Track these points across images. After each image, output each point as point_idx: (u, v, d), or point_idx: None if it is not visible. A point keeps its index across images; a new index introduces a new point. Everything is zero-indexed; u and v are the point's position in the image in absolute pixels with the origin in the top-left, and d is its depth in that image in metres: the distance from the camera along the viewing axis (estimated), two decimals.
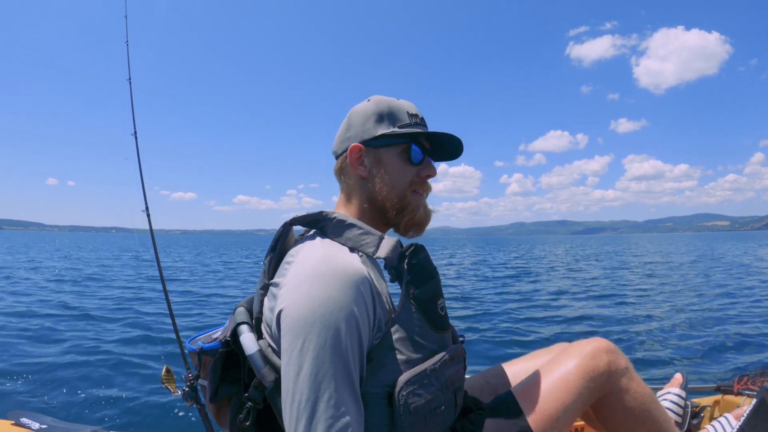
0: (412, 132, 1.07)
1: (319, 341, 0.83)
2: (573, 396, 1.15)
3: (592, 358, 1.20)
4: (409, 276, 1.00)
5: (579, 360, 1.20)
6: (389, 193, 1.08)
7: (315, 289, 0.87)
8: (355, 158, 1.10)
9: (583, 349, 1.22)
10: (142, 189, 1.86)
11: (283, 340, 0.88)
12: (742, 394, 1.87)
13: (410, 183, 1.10)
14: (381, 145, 1.08)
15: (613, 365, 1.21)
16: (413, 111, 1.12)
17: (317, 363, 0.83)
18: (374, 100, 1.12)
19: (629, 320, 7.01)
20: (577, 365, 1.19)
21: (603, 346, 1.23)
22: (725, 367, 4.53)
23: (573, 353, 1.23)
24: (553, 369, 1.21)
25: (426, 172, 1.11)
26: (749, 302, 8.35)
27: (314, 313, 0.85)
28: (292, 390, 0.84)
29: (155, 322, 6.90)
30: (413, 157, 1.09)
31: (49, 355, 4.94)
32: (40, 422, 1.67)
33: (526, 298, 9.55)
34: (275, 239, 1.07)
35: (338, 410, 0.82)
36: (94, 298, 9.51)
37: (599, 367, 1.19)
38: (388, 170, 1.08)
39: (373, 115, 1.10)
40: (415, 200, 1.11)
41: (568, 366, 1.19)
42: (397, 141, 1.08)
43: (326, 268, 0.90)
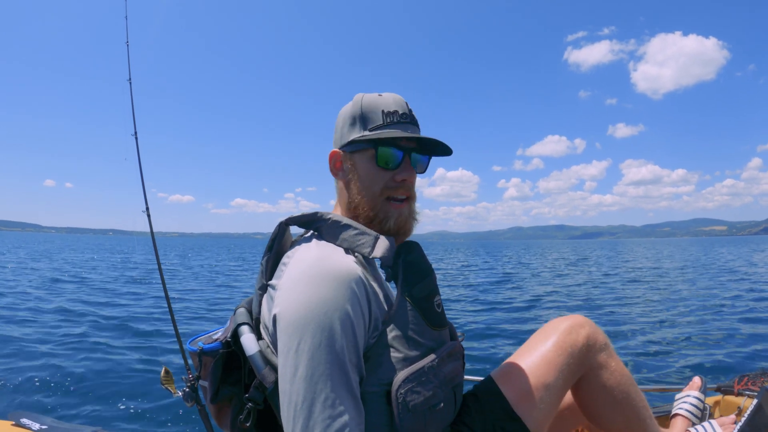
0: (377, 137, 1.02)
1: (314, 342, 0.84)
2: (554, 374, 1.13)
3: (569, 333, 1.18)
4: (404, 274, 1.00)
5: (556, 336, 1.18)
6: (362, 200, 1.06)
7: (309, 290, 0.87)
8: (336, 165, 1.10)
9: (560, 326, 1.21)
10: (143, 189, 1.86)
11: (279, 342, 0.88)
12: (742, 395, 1.87)
13: (382, 189, 1.05)
14: (354, 150, 1.07)
15: (591, 339, 1.19)
16: (391, 108, 1.05)
17: (312, 364, 0.83)
18: (354, 99, 1.09)
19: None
20: (555, 342, 1.17)
21: (580, 321, 1.22)
22: (720, 366, 4.54)
23: (549, 331, 1.21)
24: (531, 348, 1.20)
25: (401, 176, 1.04)
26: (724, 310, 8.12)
27: (308, 314, 0.85)
28: (289, 391, 0.84)
29: (155, 323, 6.88)
30: (381, 161, 1.04)
31: (50, 355, 4.92)
32: (40, 423, 1.67)
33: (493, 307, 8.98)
34: (272, 239, 1.07)
35: (335, 410, 0.82)
36: (93, 298, 9.48)
37: (577, 342, 1.17)
38: (360, 176, 1.06)
39: (348, 118, 1.08)
40: (386, 210, 1.05)
41: (546, 344, 1.18)
42: (365, 146, 1.05)
43: (320, 269, 0.90)
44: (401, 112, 1.06)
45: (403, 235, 1.09)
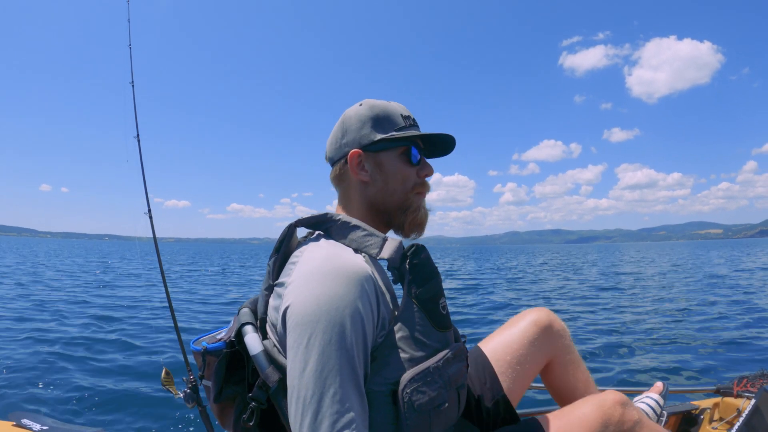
0: (410, 135, 1.10)
1: (325, 337, 0.84)
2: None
3: (607, 408, 1.24)
4: (410, 276, 1.01)
5: (597, 408, 1.24)
6: (393, 195, 1.11)
7: (320, 286, 0.88)
8: (356, 164, 1.11)
9: (602, 399, 1.27)
10: (145, 191, 1.85)
11: (289, 337, 0.88)
12: (741, 396, 1.88)
13: (414, 184, 1.12)
14: (380, 149, 1.10)
15: (626, 417, 1.25)
16: (406, 113, 1.14)
17: (323, 359, 0.83)
18: (367, 104, 1.14)
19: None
20: (595, 412, 1.24)
21: (618, 399, 1.27)
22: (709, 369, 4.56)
23: (591, 401, 1.28)
24: (573, 410, 1.27)
25: (424, 171, 1.14)
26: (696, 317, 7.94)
27: (320, 310, 0.85)
28: (298, 386, 0.84)
29: (155, 324, 6.86)
30: (413, 158, 1.12)
31: (50, 356, 4.91)
32: (41, 424, 1.66)
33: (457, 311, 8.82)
34: (280, 240, 1.08)
35: (343, 406, 0.82)
36: (93, 298, 9.45)
37: (613, 418, 1.23)
38: (390, 173, 1.11)
39: (369, 120, 1.11)
40: (418, 200, 1.14)
41: (586, 410, 1.25)
42: (396, 144, 1.10)
43: (331, 266, 0.91)
44: (412, 117, 1.16)
45: (423, 227, 1.17)
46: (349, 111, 1.15)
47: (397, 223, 1.14)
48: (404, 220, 1.13)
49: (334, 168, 1.16)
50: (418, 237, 1.17)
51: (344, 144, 1.12)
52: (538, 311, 1.54)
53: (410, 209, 1.13)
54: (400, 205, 1.12)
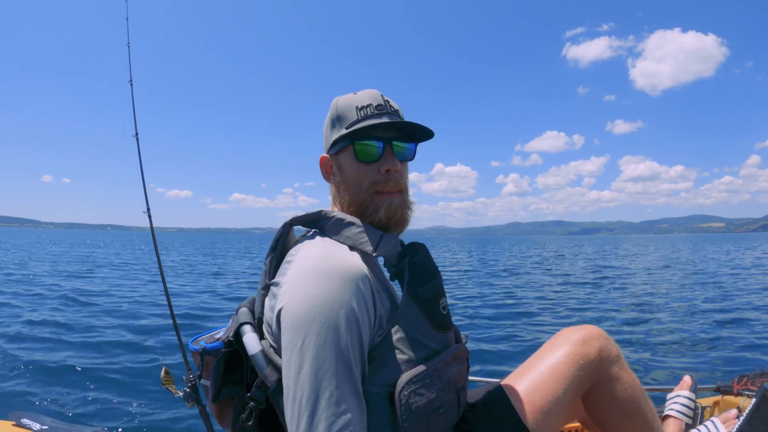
0: (352, 131, 1.02)
1: (320, 339, 0.84)
2: (563, 386, 1.13)
3: (582, 345, 1.18)
4: (409, 275, 1.01)
5: (568, 348, 1.18)
6: (352, 198, 1.07)
7: (314, 286, 0.87)
8: (327, 170, 1.12)
9: (573, 337, 1.20)
10: (144, 191, 1.85)
11: (283, 338, 0.88)
12: (741, 395, 1.88)
13: (370, 184, 1.04)
14: (337, 151, 1.08)
15: (604, 352, 1.19)
16: (365, 103, 1.05)
17: (318, 360, 0.83)
18: (332, 103, 1.10)
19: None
20: (567, 353, 1.17)
21: (594, 333, 1.21)
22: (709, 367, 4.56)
23: (561, 341, 1.21)
24: (542, 359, 1.19)
25: (385, 166, 1.03)
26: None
27: (314, 311, 0.85)
28: (293, 388, 0.84)
29: (154, 323, 6.87)
30: (360, 156, 1.04)
31: (50, 356, 4.91)
32: (41, 423, 1.66)
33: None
34: (275, 239, 1.07)
35: (339, 407, 0.82)
36: (93, 299, 9.46)
37: (590, 354, 1.17)
38: (347, 175, 1.07)
39: (329, 121, 1.09)
40: (375, 201, 1.05)
41: (557, 355, 1.17)
42: (345, 143, 1.05)
43: (326, 265, 0.90)
44: (375, 104, 1.05)
45: (397, 226, 1.07)
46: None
47: (369, 223, 1.05)
48: (371, 221, 1.05)
49: None
50: (400, 231, 1.09)
51: (324, 149, 1.13)
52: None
53: (368, 211, 1.05)
54: (360, 207, 1.06)
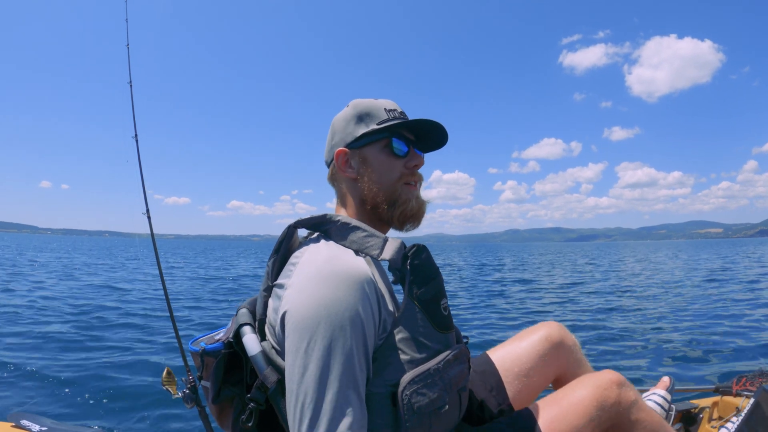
0: (391, 125, 1.10)
1: (324, 342, 0.84)
2: (584, 421, 1.19)
3: (604, 389, 1.23)
4: (411, 276, 1.01)
5: (592, 389, 1.23)
6: (379, 189, 1.10)
7: (320, 290, 0.88)
8: (343, 162, 1.12)
9: (598, 380, 1.26)
10: (143, 192, 1.85)
11: (288, 341, 0.88)
12: (740, 396, 1.89)
13: (400, 176, 1.11)
14: (363, 144, 1.11)
15: (623, 397, 1.24)
16: (391, 107, 1.13)
17: (322, 364, 0.83)
18: (352, 104, 1.15)
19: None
20: (591, 393, 1.22)
21: (615, 379, 1.26)
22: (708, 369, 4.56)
23: (587, 382, 1.27)
24: (568, 394, 1.25)
25: (413, 162, 1.13)
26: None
27: (319, 314, 0.85)
28: (296, 391, 0.84)
29: (154, 324, 6.87)
30: (396, 149, 1.11)
31: (50, 356, 4.90)
32: (40, 424, 1.65)
33: None
34: (279, 241, 1.07)
35: (341, 412, 0.82)
36: (93, 298, 9.44)
37: (610, 398, 1.22)
38: (374, 167, 1.11)
39: (352, 117, 1.12)
40: (407, 192, 1.12)
41: (582, 393, 1.23)
42: (378, 137, 1.10)
43: (332, 269, 0.91)
44: (399, 111, 1.14)
45: (419, 219, 1.15)
46: (338, 114, 1.17)
47: (388, 217, 1.12)
48: (394, 213, 1.11)
49: (329, 170, 1.18)
50: (414, 229, 1.16)
51: (334, 145, 1.14)
52: (549, 326, 1.54)
53: (399, 201, 1.11)
54: (388, 198, 1.10)
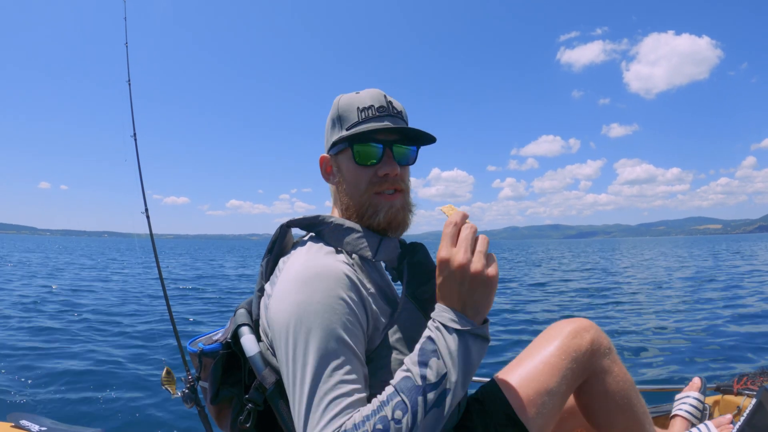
0: (351, 134, 1.02)
1: (308, 340, 0.83)
2: (556, 378, 1.12)
3: (573, 337, 1.16)
4: (408, 275, 1.00)
5: (560, 340, 1.16)
6: (350, 200, 1.06)
7: (299, 294, 0.87)
8: (326, 169, 1.11)
9: (564, 329, 1.19)
10: (142, 190, 1.85)
11: (278, 350, 0.88)
12: (741, 395, 1.88)
13: (367, 186, 1.04)
14: (337, 152, 1.08)
15: (595, 344, 1.17)
16: (366, 104, 1.04)
17: (314, 361, 0.82)
18: (333, 102, 1.09)
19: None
20: (559, 346, 1.15)
21: (585, 325, 1.19)
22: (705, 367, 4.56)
23: (553, 334, 1.19)
24: (534, 352, 1.17)
25: (383, 170, 1.03)
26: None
27: (300, 317, 0.85)
28: (292, 394, 0.83)
29: (154, 324, 6.86)
30: (358, 159, 1.03)
31: (50, 357, 4.90)
32: (40, 425, 1.65)
33: None
34: (272, 241, 1.07)
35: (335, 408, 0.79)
36: (92, 299, 9.44)
37: (582, 346, 1.15)
38: (345, 177, 1.07)
39: (330, 121, 1.09)
40: (376, 203, 1.04)
41: (549, 348, 1.15)
42: (345, 145, 1.05)
43: (308, 272, 0.90)
44: (377, 105, 1.04)
45: (398, 229, 1.07)
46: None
47: (366, 226, 1.05)
48: (369, 224, 1.05)
49: None
50: (397, 235, 1.09)
51: (325, 148, 1.13)
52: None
53: (366, 214, 1.04)
54: (358, 209, 1.05)
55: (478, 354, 0.81)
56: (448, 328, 0.80)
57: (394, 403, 0.76)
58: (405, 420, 0.74)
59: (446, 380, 0.77)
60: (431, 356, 0.79)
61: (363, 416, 0.76)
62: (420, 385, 0.77)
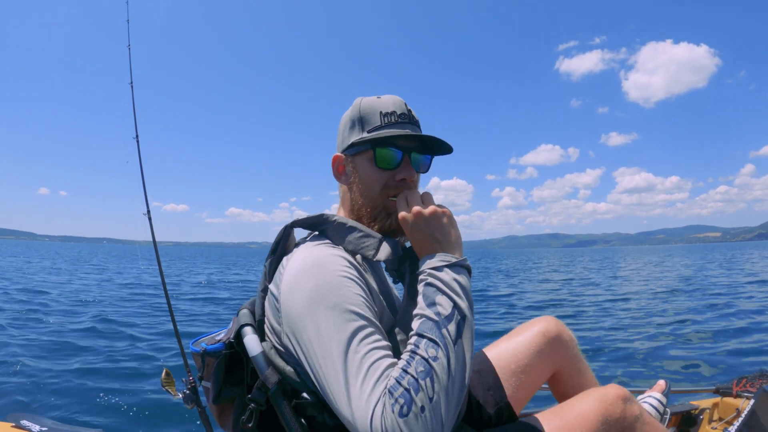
0: (375, 138, 1.04)
1: (327, 324, 0.84)
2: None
3: (609, 404, 1.20)
4: (410, 278, 1.01)
5: (598, 403, 1.20)
6: (364, 202, 1.08)
7: (309, 280, 0.89)
8: (339, 169, 1.12)
9: (603, 394, 1.23)
10: (144, 192, 1.85)
11: (300, 338, 0.88)
12: (740, 396, 1.88)
13: (382, 189, 1.06)
14: (355, 152, 1.09)
15: (627, 413, 1.21)
16: (389, 109, 1.07)
17: (340, 337, 0.83)
18: (355, 103, 1.11)
19: None
20: (596, 407, 1.19)
21: (620, 394, 1.23)
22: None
23: (592, 396, 1.23)
24: (573, 406, 1.22)
25: (401, 175, 1.06)
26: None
27: (316, 299, 0.86)
28: (324, 376, 0.83)
29: (154, 325, 6.85)
30: (379, 162, 1.05)
31: (49, 357, 4.90)
32: (40, 425, 1.64)
33: None
34: (276, 242, 1.08)
35: (372, 358, 0.81)
36: (91, 299, 9.42)
37: (614, 414, 1.19)
38: (361, 178, 1.08)
39: (348, 121, 1.10)
40: (388, 207, 1.07)
41: (587, 406, 1.20)
42: (364, 148, 1.07)
43: (313, 259, 0.93)
44: (399, 112, 1.07)
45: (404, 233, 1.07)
46: (344, 113, 1.15)
47: (377, 227, 1.08)
48: (381, 226, 1.07)
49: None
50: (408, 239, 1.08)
51: (337, 147, 1.14)
52: (545, 320, 1.50)
53: (379, 217, 1.07)
54: (372, 211, 1.07)
55: (468, 282, 0.92)
56: (437, 268, 0.90)
57: (424, 344, 0.81)
58: (440, 354, 0.80)
59: (458, 309, 0.86)
60: (435, 295, 0.87)
61: (401, 369, 0.79)
62: (438, 320, 0.84)
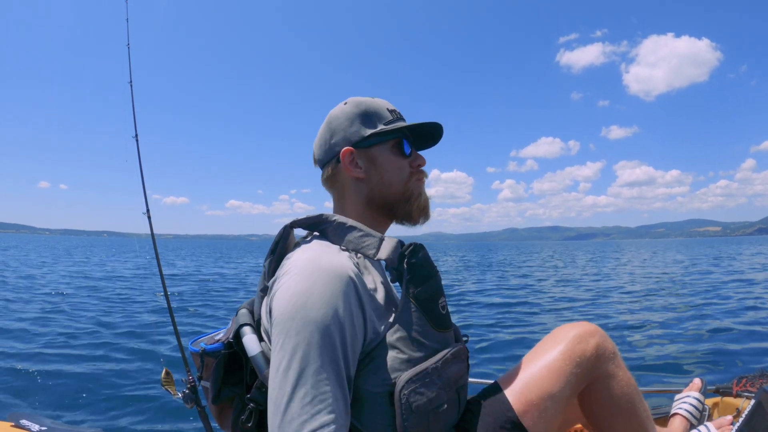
0: (399, 127, 1.12)
1: (299, 337, 0.84)
2: (560, 383, 1.10)
3: (578, 342, 1.15)
4: (408, 275, 1.01)
5: (565, 345, 1.15)
6: (391, 188, 1.12)
7: (298, 285, 0.88)
8: (349, 161, 1.11)
9: (569, 334, 1.17)
10: (143, 192, 1.85)
11: (272, 336, 0.89)
12: (740, 396, 1.88)
13: (410, 174, 1.14)
14: (371, 144, 1.11)
15: (600, 349, 1.16)
16: (391, 107, 1.16)
17: (295, 359, 0.83)
18: (352, 102, 1.14)
19: None
20: (563, 350, 1.14)
21: (590, 330, 1.18)
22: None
23: (558, 338, 1.18)
24: (538, 356, 1.17)
25: (417, 162, 1.16)
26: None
27: (295, 309, 0.86)
28: (272, 386, 0.84)
29: (154, 325, 6.86)
30: (403, 151, 1.13)
31: (48, 356, 4.90)
32: (40, 424, 1.64)
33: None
34: (275, 242, 1.07)
35: (315, 407, 0.80)
36: (91, 299, 9.43)
37: (586, 352, 1.14)
38: (384, 167, 1.11)
39: (357, 117, 1.12)
40: (418, 187, 1.15)
41: (553, 352, 1.15)
42: (388, 138, 1.12)
43: (311, 266, 0.91)
44: (398, 111, 1.17)
45: (429, 212, 1.18)
46: (335, 111, 1.15)
47: (402, 213, 1.15)
48: (410, 209, 1.14)
49: (325, 169, 1.16)
50: (426, 221, 1.19)
51: (334, 144, 1.12)
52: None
53: (413, 197, 1.14)
54: (401, 195, 1.13)
55: None
56: None
57: None
58: None
59: None
60: None
61: None
62: None
